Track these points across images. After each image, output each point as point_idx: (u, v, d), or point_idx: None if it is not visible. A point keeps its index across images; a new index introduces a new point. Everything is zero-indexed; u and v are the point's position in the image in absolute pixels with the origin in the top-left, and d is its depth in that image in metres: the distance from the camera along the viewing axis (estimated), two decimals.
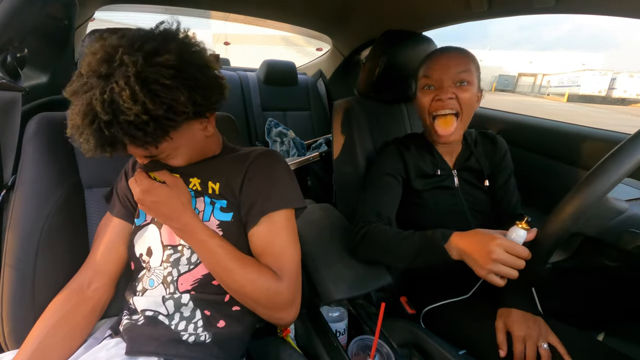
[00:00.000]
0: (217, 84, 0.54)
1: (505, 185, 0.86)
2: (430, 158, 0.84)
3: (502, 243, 0.53)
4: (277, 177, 0.62)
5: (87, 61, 0.46)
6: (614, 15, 0.77)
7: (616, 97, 34.76)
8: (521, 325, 0.63)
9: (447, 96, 0.75)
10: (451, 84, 0.76)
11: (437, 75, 0.76)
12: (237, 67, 2.42)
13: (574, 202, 0.52)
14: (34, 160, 0.65)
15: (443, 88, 0.76)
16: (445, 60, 0.77)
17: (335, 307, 0.79)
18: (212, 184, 0.61)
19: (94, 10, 1.31)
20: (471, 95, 0.76)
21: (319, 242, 0.77)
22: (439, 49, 0.83)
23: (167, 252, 0.58)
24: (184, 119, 0.49)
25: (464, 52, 0.78)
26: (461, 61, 0.76)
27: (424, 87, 0.80)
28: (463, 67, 0.75)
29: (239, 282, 0.53)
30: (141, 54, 0.44)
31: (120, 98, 0.42)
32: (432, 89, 0.78)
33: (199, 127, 0.57)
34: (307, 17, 1.65)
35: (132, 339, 0.54)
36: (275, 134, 1.86)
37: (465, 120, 0.78)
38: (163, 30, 0.50)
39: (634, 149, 0.49)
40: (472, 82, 0.76)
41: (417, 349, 0.72)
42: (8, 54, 0.64)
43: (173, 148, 0.54)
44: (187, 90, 0.47)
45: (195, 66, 0.49)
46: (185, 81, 0.47)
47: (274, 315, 0.56)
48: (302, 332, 0.79)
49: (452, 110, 0.76)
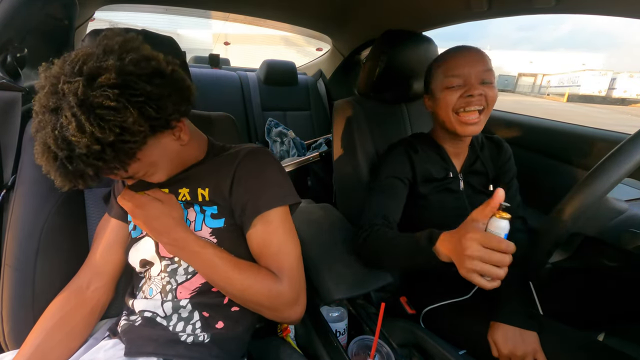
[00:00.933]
0: (177, 89, 0.49)
1: (507, 189, 0.86)
2: (439, 160, 0.83)
3: (476, 237, 0.44)
4: (267, 175, 0.59)
5: (38, 97, 0.44)
6: (614, 15, 0.77)
7: (616, 97, 34.75)
8: (506, 343, 0.63)
9: (478, 92, 0.73)
10: (479, 82, 0.75)
11: (465, 73, 0.75)
12: (237, 67, 2.42)
13: (574, 202, 0.52)
14: (34, 160, 0.65)
15: (472, 85, 0.74)
16: (471, 58, 0.76)
17: (335, 307, 0.79)
18: (201, 190, 0.59)
19: (94, 10, 1.31)
20: (495, 91, 0.76)
21: (319, 242, 0.77)
22: (456, 48, 0.80)
23: (165, 263, 0.58)
24: (143, 137, 0.45)
25: (482, 51, 0.77)
26: (485, 60, 0.76)
27: (449, 86, 0.77)
28: (487, 65, 0.75)
29: (237, 288, 0.52)
30: (82, 79, 0.41)
31: (68, 132, 0.40)
32: (459, 86, 0.76)
33: (170, 139, 0.53)
34: (307, 17, 1.65)
35: (130, 340, 0.54)
36: (275, 134, 1.86)
37: (487, 116, 0.77)
38: (104, 44, 0.45)
39: (634, 149, 0.49)
40: (494, 81, 0.76)
41: (417, 349, 0.72)
42: (8, 54, 0.64)
43: (147, 166, 0.52)
44: (136, 108, 0.42)
45: (142, 77, 0.44)
46: (133, 98, 0.42)
47: (279, 316, 0.55)
48: (302, 332, 0.79)
49: (479, 107, 0.75)
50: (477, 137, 0.88)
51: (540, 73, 49.33)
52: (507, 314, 0.66)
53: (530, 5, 0.86)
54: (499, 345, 0.63)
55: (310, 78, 2.23)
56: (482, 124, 0.77)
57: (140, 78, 0.44)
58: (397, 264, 0.69)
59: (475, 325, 0.71)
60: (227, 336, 0.57)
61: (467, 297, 0.79)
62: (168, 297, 0.57)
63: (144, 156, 0.49)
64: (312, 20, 1.69)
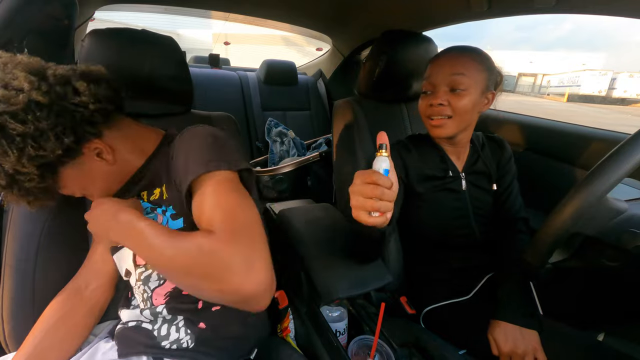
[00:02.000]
0: (66, 114, 0.43)
1: (509, 189, 0.86)
2: (437, 160, 0.82)
3: (357, 175, 0.47)
4: (194, 144, 0.51)
5: None
6: (614, 15, 0.77)
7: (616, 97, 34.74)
8: (507, 341, 0.63)
9: (438, 102, 0.72)
10: (445, 89, 0.72)
11: (432, 80, 0.74)
12: (237, 67, 2.42)
13: (574, 202, 0.52)
14: None
15: (435, 94, 0.73)
16: (442, 61, 0.74)
17: (335, 307, 0.79)
18: (159, 189, 0.56)
19: (94, 10, 1.31)
20: (468, 101, 0.71)
21: (319, 242, 0.77)
22: (443, 49, 0.78)
23: (139, 270, 0.58)
24: (40, 174, 0.42)
25: (465, 51, 0.73)
26: (457, 63, 0.71)
27: (423, 91, 0.78)
28: (459, 69, 0.70)
29: (168, 256, 0.41)
30: None
31: None
32: (428, 93, 0.76)
33: (91, 161, 0.49)
34: (307, 17, 1.65)
35: (121, 342, 0.56)
36: (275, 134, 1.86)
37: (458, 122, 0.74)
38: None
39: (634, 149, 0.49)
40: (469, 88, 0.71)
41: (417, 349, 0.71)
42: None
43: (79, 190, 0.50)
44: (15, 150, 0.39)
45: (15, 116, 0.39)
46: (8, 140, 0.39)
47: (229, 289, 0.39)
48: (302, 332, 0.79)
49: (444, 116, 0.73)
50: (477, 136, 0.87)
51: (540, 73, 49.30)
52: (507, 312, 0.66)
53: (530, 5, 0.86)
54: (500, 343, 0.63)
55: (310, 78, 2.23)
56: (452, 127, 0.75)
57: (13, 117, 0.39)
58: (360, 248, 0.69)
59: (475, 325, 0.71)
60: (215, 336, 0.57)
61: (467, 297, 0.79)
62: (147, 305, 0.57)
63: (66, 184, 0.47)
64: (312, 20, 1.69)
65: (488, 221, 0.85)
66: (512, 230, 0.84)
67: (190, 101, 0.84)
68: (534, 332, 0.63)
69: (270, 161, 1.78)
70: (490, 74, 0.74)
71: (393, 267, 0.87)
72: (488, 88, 0.74)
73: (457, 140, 0.79)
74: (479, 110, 0.76)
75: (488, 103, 0.76)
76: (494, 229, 0.86)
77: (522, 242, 0.81)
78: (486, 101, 0.76)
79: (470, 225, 0.82)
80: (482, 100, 0.74)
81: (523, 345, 0.62)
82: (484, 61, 0.73)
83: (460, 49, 0.75)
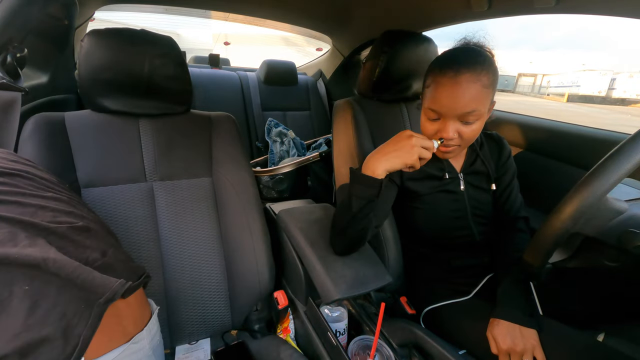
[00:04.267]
0: None
1: (509, 188, 0.86)
2: (434, 161, 0.79)
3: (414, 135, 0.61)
4: None
5: None
6: (614, 15, 0.77)
7: (616, 97, 34.75)
8: (506, 339, 0.63)
9: (449, 137, 0.68)
10: (455, 121, 0.68)
11: (444, 111, 0.67)
12: (237, 67, 2.42)
13: (574, 202, 0.52)
14: (31, 159, 0.65)
15: (445, 125, 0.68)
16: (454, 92, 0.65)
17: (335, 307, 0.79)
18: None
19: (94, 10, 1.31)
20: (478, 126, 0.69)
21: (319, 242, 0.77)
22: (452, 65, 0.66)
23: None
24: None
25: (478, 77, 0.64)
26: (471, 96, 0.64)
27: (428, 117, 0.72)
28: (472, 105, 0.65)
29: None
30: None
31: None
32: (436, 120, 0.70)
33: None
34: (307, 17, 1.65)
35: None
36: (275, 134, 1.86)
37: (467, 144, 0.74)
38: None
39: (634, 149, 0.49)
40: (481, 115, 0.67)
41: (417, 349, 0.72)
42: (8, 54, 0.64)
43: None
44: None
45: None
46: None
47: None
48: (302, 332, 0.79)
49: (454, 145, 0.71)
50: None
51: (540, 73, 49.37)
52: (507, 311, 0.66)
53: (530, 5, 0.86)
54: (499, 341, 0.64)
55: (310, 78, 2.23)
56: (460, 150, 0.74)
57: None
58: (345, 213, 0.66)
59: (475, 325, 0.71)
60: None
61: (468, 297, 0.79)
62: None
63: None
64: (312, 20, 1.69)
65: (487, 221, 0.85)
66: (512, 229, 0.84)
67: (190, 101, 0.84)
68: (533, 330, 0.63)
69: (270, 161, 1.78)
70: (495, 86, 0.69)
71: (393, 268, 0.87)
72: (492, 100, 0.71)
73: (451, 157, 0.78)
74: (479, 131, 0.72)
75: (489, 112, 0.73)
76: (493, 229, 0.86)
77: (522, 241, 0.80)
78: (489, 113, 0.73)
79: (468, 226, 0.82)
80: (488, 115, 0.72)
81: (522, 343, 0.62)
82: (491, 76, 0.67)
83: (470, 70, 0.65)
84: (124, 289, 0.41)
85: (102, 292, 0.39)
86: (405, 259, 0.90)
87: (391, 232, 0.87)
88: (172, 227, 0.78)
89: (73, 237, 0.42)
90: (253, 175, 0.87)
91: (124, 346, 0.45)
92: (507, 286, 0.71)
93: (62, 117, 0.73)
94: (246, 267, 0.80)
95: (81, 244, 0.43)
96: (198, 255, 0.79)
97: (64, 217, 0.44)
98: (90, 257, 0.42)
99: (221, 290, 0.80)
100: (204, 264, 0.79)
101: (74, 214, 0.46)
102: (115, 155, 0.75)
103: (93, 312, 0.38)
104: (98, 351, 0.42)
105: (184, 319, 0.76)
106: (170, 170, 0.79)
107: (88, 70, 0.70)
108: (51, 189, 0.48)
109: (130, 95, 0.76)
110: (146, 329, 0.51)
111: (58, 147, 0.70)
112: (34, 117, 0.70)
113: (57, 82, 1.08)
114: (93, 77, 0.71)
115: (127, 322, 0.47)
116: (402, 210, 0.86)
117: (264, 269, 0.81)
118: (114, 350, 0.44)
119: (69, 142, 0.71)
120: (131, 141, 0.77)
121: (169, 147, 0.80)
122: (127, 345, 0.46)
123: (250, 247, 0.80)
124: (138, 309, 0.51)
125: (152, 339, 0.52)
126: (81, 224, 0.45)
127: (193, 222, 0.79)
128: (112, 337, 0.44)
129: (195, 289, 0.78)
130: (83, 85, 0.72)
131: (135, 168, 0.76)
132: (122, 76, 0.72)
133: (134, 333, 0.48)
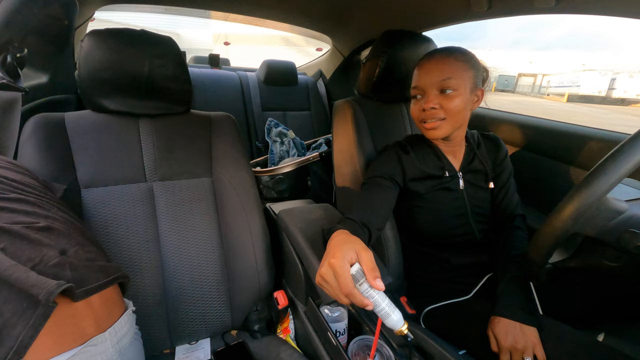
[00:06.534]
0: None
1: (506, 187, 0.86)
2: (434, 160, 0.82)
3: (336, 264, 0.48)
4: None
5: None
6: (614, 15, 0.77)
7: (616, 97, 34.76)
8: (507, 336, 0.63)
9: (430, 106, 0.73)
10: (436, 93, 0.74)
11: (422, 84, 0.76)
12: (237, 67, 2.42)
13: (573, 202, 0.52)
14: (30, 160, 0.66)
15: (427, 98, 0.75)
16: (429, 67, 0.75)
17: (335, 307, 0.79)
18: None
19: (94, 10, 1.31)
20: (459, 102, 0.73)
21: (319, 242, 0.77)
22: (427, 53, 0.79)
23: None
24: None
25: (450, 54, 0.74)
26: (444, 67, 0.73)
27: (412, 96, 0.79)
28: (447, 74, 0.72)
29: None
30: None
31: None
32: (418, 98, 0.77)
33: None
34: (307, 17, 1.65)
35: None
36: (275, 134, 1.86)
37: (452, 122, 0.75)
38: None
39: (634, 149, 0.49)
40: (459, 88, 0.72)
41: (417, 349, 0.71)
42: (8, 54, 0.64)
43: None
44: None
45: None
46: None
47: None
48: (302, 332, 0.79)
49: (436, 119, 0.75)
50: (472, 134, 0.88)
51: (540, 73, 49.33)
52: (507, 308, 0.67)
53: (530, 5, 0.86)
54: (500, 339, 0.64)
55: (310, 78, 2.23)
56: (446, 128, 0.76)
57: None
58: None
59: (475, 325, 0.71)
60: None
61: (468, 297, 0.79)
62: None
63: None
64: (312, 20, 1.69)
65: (487, 220, 0.85)
66: (509, 227, 0.84)
67: (190, 101, 0.84)
68: (533, 328, 0.63)
69: (270, 161, 1.79)
70: (477, 72, 0.76)
71: (393, 268, 0.87)
72: (476, 85, 0.76)
73: (452, 138, 0.80)
74: (470, 108, 0.77)
75: (478, 100, 0.78)
76: (492, 228, 0.86)
77: (520, 239, 0.81)
78: (476, 98, 0.77)
79: (469, 224, 0.82)
80: (472, 98, 0.76)
81: (523, 340, 0.62)
82: (469, 60, 0.75)
83: (443, 51, 0.76)
84: (59, 289, 0.38)
85: (36, 292, 0.37)
86: (405, 259, 0.90)
87: (391, 232, 0.87)
88: (172, 227, 0.78)
89: (30, 236, 0.42)
90: (253, 175, 0.87)
91: (78, 349, 0.42)
92: (507, 284, 0.71)
93: (62, 118, 0.73)
94: (246, 267, 0.80)
95: (38, 243, 0.42)
96: (198, 255, 0.79)
97: (23, 217, 0.44)
98: (47, 255, 0.42)
99: (221, 290, 0.80)
100: (204, 264, 0.79)
101: (37, 214, 0.47)
102: (115, 156, 0.75)
103: (37, 312, 0.37)
104: (44, 353, 0.39)
105: (184, 318, 0.76)
106: (170, 171, 0.80)
107: (88, 70, 0.70)
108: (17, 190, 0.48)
109: (130, 95, 0.76)
110: (111, 330, 0.48)
111: (58, 147, 0.70)
112: (34, 118, 0.70)
113: (57, 82, 1.08)
114: (93, 77, 0.71)
115: (86, 323, 0.45)
116: (402, 210, 0.86)
117: (264, 269, 0.81)
118: (64, 353, 0.41)
119: (69, 143, 0.71)
120: (131, 141, 0.77)
121: (168, 147, 0.80)
122: (81, 348, 0.43)
123: (250, 247, 0.80)
124: (103, 310, 0.48)
125: (119, 340, 0.49)
126: (42, 223, 0.45)
127: (193, 222, 0.79)
128: (64, 338, 0.42)
129: (195, 288, 0.78)
130: (83, 85, 0.72)
131: (135, 168, 0.76)
132: (122, 76, 0.72)
133: (93, 335, 0.45)
